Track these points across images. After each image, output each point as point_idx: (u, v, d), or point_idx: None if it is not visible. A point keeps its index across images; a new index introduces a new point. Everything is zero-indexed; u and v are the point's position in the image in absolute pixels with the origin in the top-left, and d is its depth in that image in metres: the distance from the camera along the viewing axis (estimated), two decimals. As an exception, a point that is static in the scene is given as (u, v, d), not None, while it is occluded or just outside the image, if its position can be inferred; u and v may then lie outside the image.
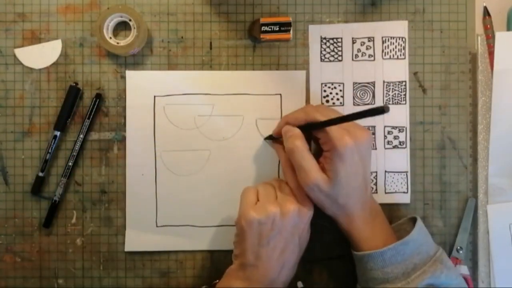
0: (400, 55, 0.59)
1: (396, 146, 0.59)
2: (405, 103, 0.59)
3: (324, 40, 0.59)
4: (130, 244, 0.58)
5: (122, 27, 0.58)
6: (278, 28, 0.57)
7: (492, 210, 0.58)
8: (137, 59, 0.59)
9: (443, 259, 0.51)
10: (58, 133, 0.57)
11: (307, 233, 0.53)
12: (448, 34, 0.59)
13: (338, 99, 0.59)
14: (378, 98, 0.59)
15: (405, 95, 0.59)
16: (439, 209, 0.59)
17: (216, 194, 0.59)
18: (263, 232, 0.49)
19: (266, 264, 0.50)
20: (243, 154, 0.59)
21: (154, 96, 0.58)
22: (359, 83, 0.59)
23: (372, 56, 0.59)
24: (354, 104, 0.59)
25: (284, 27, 0.57)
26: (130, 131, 0.58)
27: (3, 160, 0.58)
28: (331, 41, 0.59)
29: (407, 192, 0.59)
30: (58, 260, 0.59)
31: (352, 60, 0.59)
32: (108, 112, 0.59)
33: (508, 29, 0.59)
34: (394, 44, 0.59)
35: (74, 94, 0.57)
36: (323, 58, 0.59)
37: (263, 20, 0.56)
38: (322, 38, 0.59)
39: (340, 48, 0.59)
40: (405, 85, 0.59)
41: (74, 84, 0.58)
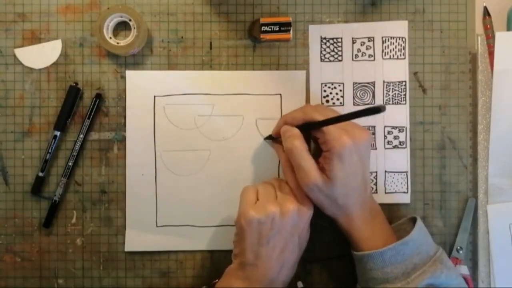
0: (400, 55, 0.59)
1: (396, 146, 0.59)
2: (405, 103, 0.59)
3: (324, 40, 0.59)
4: (130, 244, 0.58)
5: (122, 27, 0.58)
6: (278, 28, 0.57)
7: (492, 210, 0.58)
8: (137, 59, 0.59)
9: (443, 259, 0.51)
10: (58, 133, 0.57)
11: (306, 233, 0.53)
12: (448, 34, 0.59)
13: (338, 99, 0.59)
14: (378, 98, 0.59)
15: (405, 95, 0.59)
16: (439, 209, 0.59)
17: (216, 194, 0.59)
18: (262, 232, 0.49)
19: (265, 263, 0.50)
20: (243, 154, 0.59)
21: (154, 96, 0.58)
22: (359, 83, 0.59)
23: (372, 56, 0.59)
24: (354, 104, 0.59)
25: (284, 27, 0.57)
26: (130, 131, 0.58)
27: (3, 160, 0.58)
28: (331, 41, 0.59)
29: (407, 192, 0.59)
30: (58, 260, 0.59)
31: (352, 60, 0.59)
32: (108, 112, 0.59)
33: (508, 29, 0.59)
34: (394, 44, 0.59)
35: (74, 94, 0.57)
36: (323, 58, 0.59)
37: (263, 20, 0.56)
38: (322, 38, 0.59)
39: (340, 48, 0.59)
40: (405, 85, 0.59)
41: (74, 84, 0.58)
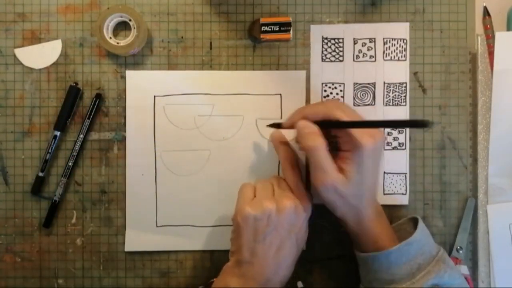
0: (401, 57, 0.59)
1: (395, 147, 0.59)
2: (405, 105, 0.59)
3: (326, 40, 0.59)
4: (130, 244, 0.58)
5: (122, 27, 0.58)
6: (278, 28, 0.57)
7: (492, 210, 0.58)
8: (137, 59, 0.59)
9: (445, 259, 0.51)
10: (58, 133, 0.57)
11: (304, 232, 0.52)
12: (448, 34, 0.59)
13: (338, 99, 0.59)
14: (379, 99, 0.59)
15: (405, 96, 0.59)
16: (439, 209, 0.59)
17: (216, 194, 0.59)
18: (258, 228, 0.49)
19: (261, 261, 0.49)
20: (243, 154, 0.59)
21: (154, 96, 0.58)
22: (360, 84, 0.59)
23: (373, 57, 0.59)
24: (354, 105, 0.59)
25: (284, 27, 0.57)
26: (130, 131, 0.58)
27: (3, 160, 0.58)
28: (333, 41, 0.59)
29: (406, 194, 0.59)
30: (58, 260, 0.59)
31: (353, 60, 0.59)
32: (108, 112, 0.59)
33: (508, 29, 0.59)
34: (395, 45, 0.59)
35: (74, 94, 0.57)
36: (324, 58, 0.59)
37: (263, 20, 0.56)
38: (323, 38, 0.59)
39: (341, 49, 0.59)
40: (405, 86, 0.59)
41: (74, 84, 0.58)
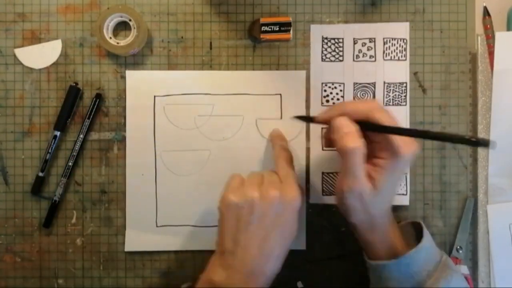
0: (401, 57, 0.59)
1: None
2: (405, 105, 0.59)
3: (326, 40, 0.59)
4: (130, 244, 0.58)
5: (122, 27, 0.58)
6: (278, 28, 0.56)
7: (492, 210, 0.58)
8: (137, 59, 0.59)
9: (449, 263, 0.50)
10: (58, 133, 0.57)
11: (292, 225, 0.48)
12: (448, 34, 0.59)
13: (338, 99, 0.59)
14: (379, 99, 0.58)
15: (405, 96, 0.59)
16: (439, 209, 0.59)
17: (216, 194, 0.58)
18: (241, 217, 0.47)
19: (244, 251, 0.46)
20: (243, 154, 0.59)
21: (154, 96, 0.58)
22: (360, 84, 0.59)
23: (373, 56, 0.59)
24: (354, 104, 0.59)
25: (284, 27, 0.57)
26: (130, 131, 0.58)
27: (3, 160, 0.58)
28: (333, 41, 0.59)
29: (406, 194, 0.59)
30: (58, 260, 0.59)
31: (353, 60, 0.59)
32: (108, 112, 0.59)
33: (508, 29, 0.59)
34: (395, 45, 0.59)
35: (74, 94, 0.57)
36: (324, 58, 0.59)
37: (263, 20, 0.56)
38: (323, 38, 0.59)
39: (341, 49, 0.59)
40: (405, 86, 0.59)
41: (74, 84, 0.58)
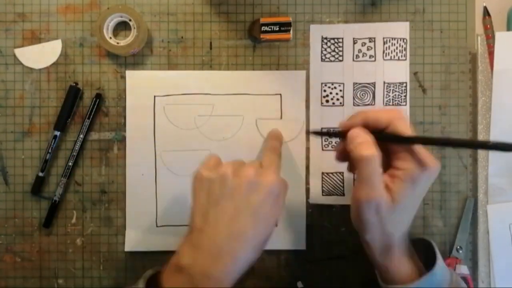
0: (401, 56, 0.59)
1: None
2: (405, 105, 0.59)
3: (325, 40, 0.59)
4: (130, 244, 0.58)
5: (122, 27, 0.58)
6: (278, 28, 0.56)
7: (492, 210, 0.58)
8: (137, 59, 0.59)
9: (458, 281, 0.49)
10: (58, 133, 0.57)
11: (267, 210, 0.45)
12: (448, 34, 0.59)
13: (338, 99, 0.59)
14: (378, 98, 0.58)
15: (405, 96, 0.59)
16: (439, 209, 0.59)
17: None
18: (212, 191, 0.45)
19: (212, 228, 0.44)
20: (243, 154, 0.58)
21: (154, 96, 0.58)
22: (360, 84, 0.59)
23: (373, 56, 0.59)
24: (354, 105, 0.59)
25: (284, 27, 0.57)
26: (130, 131, 0.58)
27: (3, 160, 0.58)
28: (332, 41, 0.59)
29: (407, 193, 0.59)
30: (58, 260, 0.59)
31: (353, 60, 0.59)
32: (108, 112, 0.59)
33: (508, 29, 0.59)
34: (395, 45, 0.59)
35: (74, 94, 0.57)
36: (324, 58, 0.59)
37: (263, 20, 0.56)
38: (323, 38, 0.59)
39: (341, 48, 0.59)
40: (405, 86, 0.59)
41: (74, 84, 0.58)
